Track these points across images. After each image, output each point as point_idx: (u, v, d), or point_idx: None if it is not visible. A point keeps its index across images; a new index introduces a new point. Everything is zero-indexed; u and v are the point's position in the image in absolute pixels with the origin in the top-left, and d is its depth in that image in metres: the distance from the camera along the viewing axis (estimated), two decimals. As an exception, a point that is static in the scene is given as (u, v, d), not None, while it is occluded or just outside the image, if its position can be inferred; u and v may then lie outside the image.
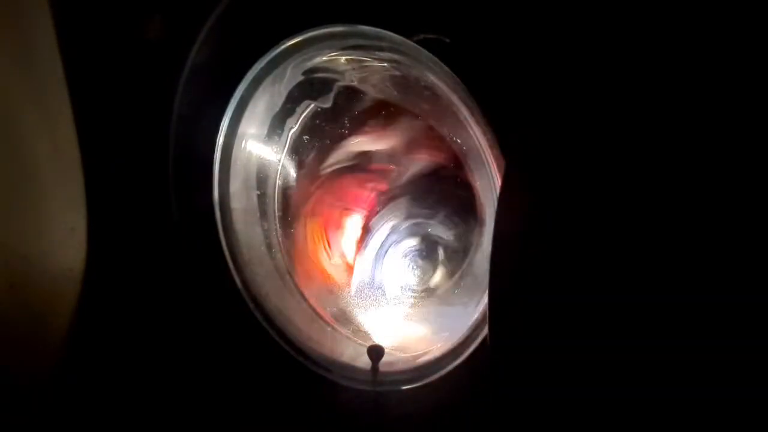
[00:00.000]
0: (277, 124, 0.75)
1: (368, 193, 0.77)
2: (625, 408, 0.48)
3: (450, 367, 0.63)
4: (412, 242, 0.77)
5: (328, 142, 0.77)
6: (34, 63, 0.65)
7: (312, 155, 0.78)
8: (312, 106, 0.74)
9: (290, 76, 0.70)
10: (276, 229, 0.78)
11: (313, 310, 0.78)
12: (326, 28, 0.64)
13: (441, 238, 0.75)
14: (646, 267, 0.46)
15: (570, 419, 0.50)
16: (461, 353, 0.63)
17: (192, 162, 0.71)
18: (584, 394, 0.49)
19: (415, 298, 0.76)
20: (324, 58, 0.69)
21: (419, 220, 0.76)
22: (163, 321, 0.75)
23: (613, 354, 0.48)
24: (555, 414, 0.51)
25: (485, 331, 0.58)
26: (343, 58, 0.70)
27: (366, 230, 0.78)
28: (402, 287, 0.78)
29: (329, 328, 0.77)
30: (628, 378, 0.47)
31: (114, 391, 0.74)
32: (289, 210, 0.79)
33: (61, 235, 0.69)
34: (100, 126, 0.70)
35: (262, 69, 0.68)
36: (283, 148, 0.77)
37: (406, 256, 0.78)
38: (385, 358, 0.69)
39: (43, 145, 0.66)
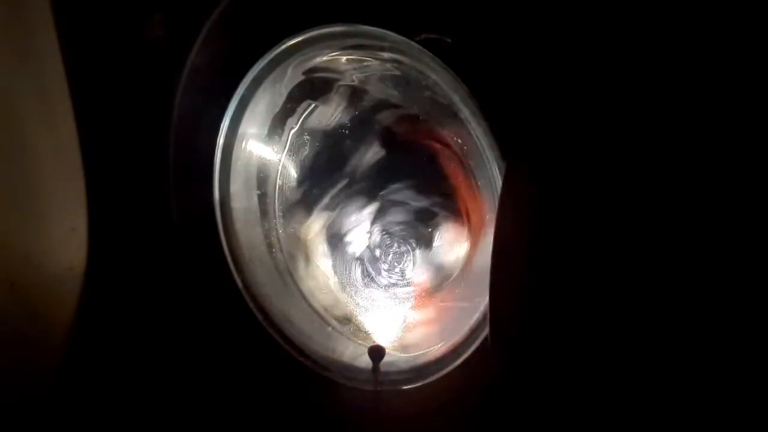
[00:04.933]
0: (277, 124, 0.75)
1: (369, 193, 0.77)
2: (626, 408, 0.48)
3: (450, 367, 0.63)
4: (413, 242, 0.77)
5: (329, 141, 0.77)
6: (36, 63, 0.65)
7: (312, 154, 0.77)
8: (312, 105, 0.74)
9: (291, 75, 0.70)
10: (276, 229, 0.78)
11: (314, 310, 0.78)
12: (327, 27, 0.64)
13: (442, 238, 0.75)
14: (648, 267, 0.46)
15: (570, 419, 0.50)
16: (461, 353, 0.62)
17: (192, 162, 0.71)
18: (584, 394, 0.49)
19: (416, 298, 0.76)
20: (325, 58, 0.69)
21: (420, 221, 0.76)
22: (164, 321, 0.75)
23: (614, 355, 0.48)
24: (555, 414, 0.51)
25: (485, 331, 0.58)
26: (344, 57, 0.70)
27: (367, 230, 0.78)
28: (403, 287, 0.78)
29: (329, 328, 0.77)
30: (629, 378, 0.47)
31: (114, 391, 0.74)
32: (289, 210, 0.79)
33: (62, 235, 0.69)
34: (100, 126, 0.70)
35: (262, 69, 0.68)
36: (284, 148, 0.77)
37: (406, 255, 0.78)
38: (385, 358, 0.69)
39: (44, 145, 0.67)
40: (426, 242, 0.76)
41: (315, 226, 0.79)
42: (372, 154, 0.76)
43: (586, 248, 0.48)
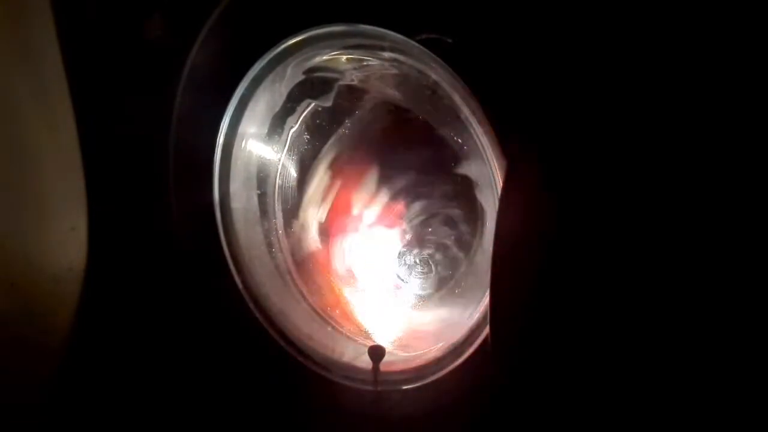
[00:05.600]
0: (277, 124, 0.75)
1: (368, 192, 0.77)
2: (626, 409, 0.48)
3: (450, 367, 0.63)
4: (413, 242, 0.77)
5: (329, 141, 0.76)
6: (36, 63, 0.65)
7: (312, 154, 0.77)
8: (312, 105, 0.74)
9: (291, 75, 0.70)
10: (276, 229, 0.78)
11: (314, 309, 0.78)
12: (327, 27, 0.64)
13: (442, 238, 0.75)
14: (650, 267, 0.46)
15: (570, 420, 0.50)
16: (462, 353, 0.62)
17: (192, 161, 0.71)
18: (584, 395, 0.49)
19: (416, 298, 0.76)
20: (324, 58, 0.69)
21: (420, 220, 0.76)
22: (164, 321, 0.75)
23: (614, 355, 0.48)
24: (555, 414, 0.51)
25: (486, 331, 0.58)
26: (344, 57, 0.70)
27: (367, 230, 0.78)
28: (402, 287, 0.78)
29: (329, 328, 0.77)
30: (629, 379, 0.47)
31: (114, 391, 0.74)
32: (289, 209, 0.79)
33: (62, 235, 0.69)
34: (100, 126, 0.70)
35: (262, 68, 0.68)
36: (284, 148, 0.76)
37: (406, 256, 0.78)
38: (385, 358, 0.68)
39: (44, 145, 0.67)
40: (427, 242, 0.76)
41: (315, 226, 0.79)
42: (371, 153, 0.76)
43: (587, 248, 0.48)
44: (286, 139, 0.76)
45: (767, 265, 0.43)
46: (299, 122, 0.75)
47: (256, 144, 0.75)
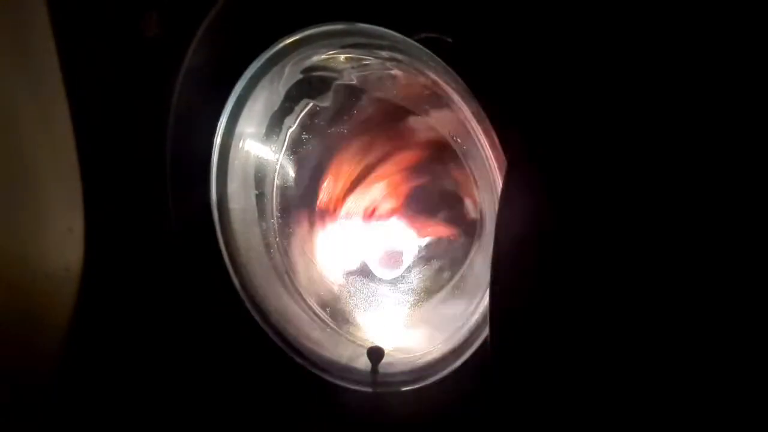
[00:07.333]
0: (275, 123, 0.74)
1: (367, 192, 0.77)
2: (626, 410, 0.48)
3: (450, 368, 0.63)
4: (412, 242, 0.77)
5: (327, 141, 0.76)
6: (31, 62, 0.65)
7: (310, 154, 0.77)
8: (311, 105, 0.74)
9: (288, 74, 0.70)
10: (274, 229, 0.78)
11: (312, 310, 0.78)
12: (325, 26, 0.63)
13: (441, 238, 0.75)
14: (651, 269, 0.46)
15: (570, 421, 0.50)
16: (461, 354, 0.62)
17: (189, 162, 0.71)
18: (585, 396, 0.49)
19: (415, 298, 0.76)
20: (323, 57, 0.69)
21: (419, 220, 0.76)
22: (162, 322, 0.75)
23: (615, 355, 0.48)
24: (555, 415, 0.51)
25: (486, 332, 0.58)
26: (343, 56, 0.69)
27: (366, 230, 0.78)
28: (402, 288, 0.78)
29: (328, 329, 0.77)
30: (629, 380, 0.47)
31: (112, 392, 0.74)
32: (287, 210, 0.79)
33: (59, 236, 0.68)
34: (97, 126, 0.70)
35: (260, 67, 0.67)
36: (282, 148, 0.76)
37: (405, 255, 0.78)
38: (384, 360, 0.68)
39: (39, 145, 0.66)
40: (427, 243, 0.76)
41: (313, 226, 0.79)
42: (370, 153, 0.76)
43: (588, 249, 0.48)
44: (284, 139, 0.76)
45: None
46: (297, 122, 0.75)
47: (254, 144, 0.75)
